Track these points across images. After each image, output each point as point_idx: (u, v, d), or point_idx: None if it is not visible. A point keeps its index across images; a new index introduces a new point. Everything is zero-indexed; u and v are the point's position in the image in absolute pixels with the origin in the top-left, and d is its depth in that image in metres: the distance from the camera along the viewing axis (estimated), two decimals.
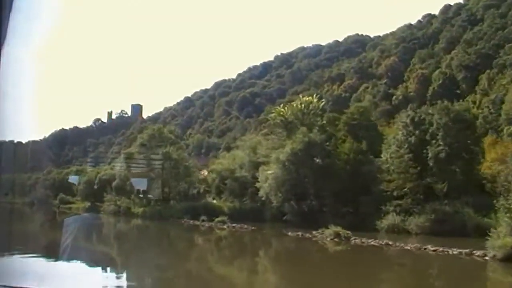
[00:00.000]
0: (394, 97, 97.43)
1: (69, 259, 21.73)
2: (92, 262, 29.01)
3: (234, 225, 47.63)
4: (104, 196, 77.05)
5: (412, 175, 41.57)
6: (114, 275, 27.92)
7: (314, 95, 57.04)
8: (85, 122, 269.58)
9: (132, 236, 52.27)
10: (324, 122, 54.24)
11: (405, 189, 41.83)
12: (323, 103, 55.94)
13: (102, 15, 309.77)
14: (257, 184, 52.40)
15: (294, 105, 54.61)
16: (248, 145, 60.63)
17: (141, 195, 77.16)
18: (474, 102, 77.71)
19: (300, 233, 39.73)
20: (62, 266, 22.19)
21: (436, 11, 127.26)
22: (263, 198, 51.93)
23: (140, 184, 77.30)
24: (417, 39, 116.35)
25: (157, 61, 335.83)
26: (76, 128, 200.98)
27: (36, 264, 25.48)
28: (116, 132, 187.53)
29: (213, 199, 68.72)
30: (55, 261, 23.58)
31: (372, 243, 33.77)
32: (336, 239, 35.96)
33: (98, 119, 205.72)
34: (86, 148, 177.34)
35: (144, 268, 26.69)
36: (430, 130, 42.98)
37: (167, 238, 46.37)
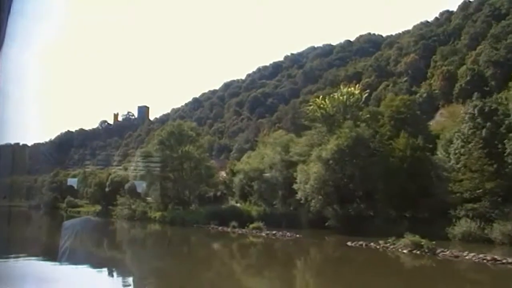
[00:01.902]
0: (418, 95, 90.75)
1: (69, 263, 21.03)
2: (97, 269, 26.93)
3: (274, 232, 40.29)
4: (117, 199, 69.88)
5: (489, 174, 34.38)
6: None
7: (357, 86, 49.93)
8: (91, 124, 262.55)
9: (153, 244, 44.91)
10: (368, 116, 47.15)
11: (480, 191, 34.61)
12: (366, 94, 48.81)
13: (108, 16, 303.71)
14: (295, 186, 45.22)
15: (336, 96, 47.48)
16: (279, 143, 53.40)
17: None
18: (506, 99, 71.58)
19: (363, 243, 32.33)
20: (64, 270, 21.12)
21: (451, 8, 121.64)
22: (301, 201, 44.73)
23: (139, 186, 70.45)
24: (437, 36, 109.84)
25: (163, 62, 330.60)
26: (82, 130, 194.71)
27: (38, 267, 24.40)
28: (123, 134, 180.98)
29: (236, 202, 61.66)
30: (59, 264, 21.74)
31: (473, 258, 25.36)
32: (416, 251, 28.40)
33: (104, 121, 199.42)
34: (93, 150, 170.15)
35: None
36: (506, 122, 35.88)
37: (198, 248, 38.99)
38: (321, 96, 50.05)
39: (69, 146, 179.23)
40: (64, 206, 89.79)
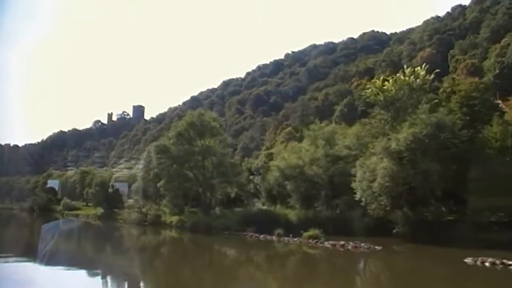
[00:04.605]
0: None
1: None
2: None
3: (341, 242, 30.46)
4: (123, 202, 59.73)
5: None
6: None
7: (423, 65, 40.70)
8: (84, 124, 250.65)
9: (182, 260, 34.57)
10: (436, 101, 37.89)
11: None
12: (432, 76, 39.71)
13: (102, 14, 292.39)
14: (353, 185, 35.85)
15: (402, 77, 38.17)
16: (321, 135, 43.94)
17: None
18: None
19: (495, 261, 22.67)
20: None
21: (463, 2, 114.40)
22: (361, 203, 35.33)
23: (121, 188, 60.94)
24: (452, 30, 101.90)
25: (158, 61, 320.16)
26: (75, 130, 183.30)
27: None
28: (118, 134, 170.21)
29: (263, 204, 52.01)
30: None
31: None
32: None
33: (98, 121, 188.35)
34: (87, 150, 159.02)
35: None
36: None
37: (252, 268, 28.85)
38: (381, 77, 40.66)
39: (62, 146, 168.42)
40: (60, 209, 79.04)
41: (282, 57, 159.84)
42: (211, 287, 20.63)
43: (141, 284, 22.79)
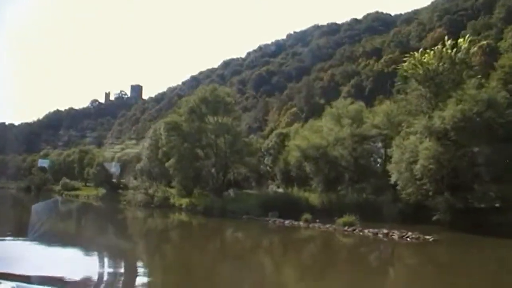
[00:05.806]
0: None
1: None
2: None
3: (385, 231, 26.47)
4: (127, 182, 55.81)
5: None
6: None
7: (466, 37, 36.81)
8: (81, 103, 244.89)
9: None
10: (479, 76, 34.07)
11: None
12: (475, 49, 35.80)
13: None
14: (389, 167, 32.26)
15: (443, 50, 34.22)
16: (346, 113, 40.02)
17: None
18: None
19: None
20: None
21: None
22: (398, 187, 31.74)
23: (114, 168, 56.90)
24: (464, 10, 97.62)
25: (157, 40, 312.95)
26: (71, 109, 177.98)
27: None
28: (115, 113, 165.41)
29: (278, 187, 48.44)
30: None
31: None
32: None
33: (96, 100, 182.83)
34: (84, 130, 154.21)
35: None
36: None
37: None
38: (420, 50, 36.56)
39: (58, 125, 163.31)
40: (58, 189, 74.95)
41: (284, 37, 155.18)
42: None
43: (138, 265, 19.39)
